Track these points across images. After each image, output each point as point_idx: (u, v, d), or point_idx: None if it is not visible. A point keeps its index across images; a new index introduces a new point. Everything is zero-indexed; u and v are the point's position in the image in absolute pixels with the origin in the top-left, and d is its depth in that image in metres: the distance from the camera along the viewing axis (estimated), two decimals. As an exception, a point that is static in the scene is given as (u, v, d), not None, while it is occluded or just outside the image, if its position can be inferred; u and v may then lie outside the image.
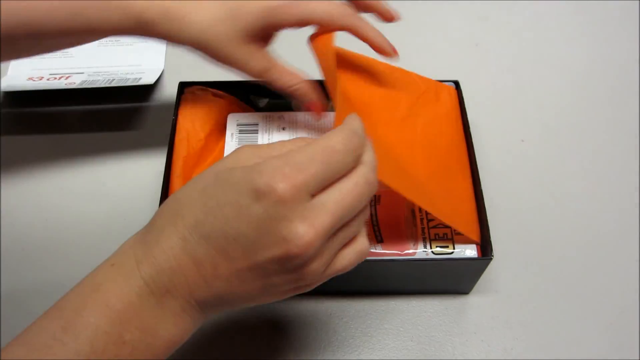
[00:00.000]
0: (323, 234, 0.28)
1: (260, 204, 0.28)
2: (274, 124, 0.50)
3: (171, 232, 0.29)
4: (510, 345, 0.45)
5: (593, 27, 0.68)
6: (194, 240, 0.29)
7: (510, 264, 0.49)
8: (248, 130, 0.49)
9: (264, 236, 0.28)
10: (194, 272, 0.29)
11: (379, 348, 0.45)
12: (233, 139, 0.49)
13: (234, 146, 0.48)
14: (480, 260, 0.43)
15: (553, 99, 0.61)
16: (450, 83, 0.52)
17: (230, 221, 0.28)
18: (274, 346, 0.45)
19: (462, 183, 0.46)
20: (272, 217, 0.27)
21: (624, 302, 0.48)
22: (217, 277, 0.29)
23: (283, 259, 0.28)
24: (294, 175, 0.27)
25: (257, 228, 0.28)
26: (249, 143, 0.48)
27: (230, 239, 0.28)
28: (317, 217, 0.28)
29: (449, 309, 0.47)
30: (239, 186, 0.28)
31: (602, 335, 0.46)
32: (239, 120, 0.50)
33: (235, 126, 0.49)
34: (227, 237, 0.28)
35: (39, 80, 0.60)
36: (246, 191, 0.28)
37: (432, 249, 0.43)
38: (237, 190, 0.28)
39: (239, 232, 0.28)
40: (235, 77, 0.49)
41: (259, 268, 0.29)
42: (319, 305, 0.47)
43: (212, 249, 0.29)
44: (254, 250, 0.28)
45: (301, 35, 0.45)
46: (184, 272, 0.29)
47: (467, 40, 0.67)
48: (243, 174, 0.29)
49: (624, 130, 0.59)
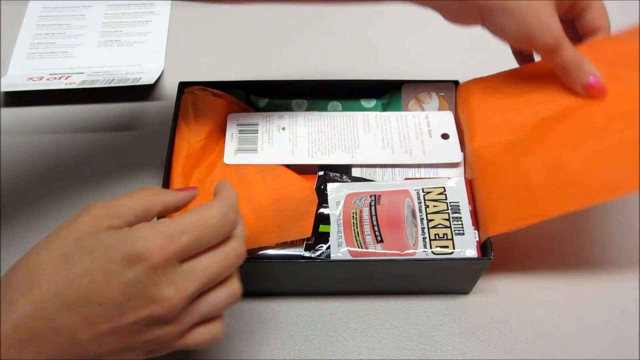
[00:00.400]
0: (187, 298, 0.30)
1: (131, 270, 0.29)
2: (273, 124, 0.50)
3: (24, 303, 0.29)
4: (510, 345, 0.45)
5: (593, 27, 0.68)
6: (53, 308, 0.29)
7: (510, 264, 0.49)
8: (248, 130, 0.49)
9: (131, 300, 0.29)
10: (49, 341, 0.29)
11: (379, 348, 0.45)
12: (233, 139, 0.49)
13: (234, 146, 0.48)
14: (480, 260, 0.43)
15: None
16: (450, 83, 0.52)
17: (98, 287, 0.29)
18: (274, 346, 0.45)
19: None
20: (142, 282, 0.29)
21: (624, 302, 0.48)
22: (74, 344, 0.29)
23: (147, 320, 0.30)
24: (166, 246, 0.29)
25: (126, 292, 0.29)
26: (248, 143, 0.49)
27: (95, 304, 0.29)
28: (184, 283, 0.30)
29: (449, 309, 0.47)
30: (109, 253, 0.29)
31: (602, 335, 0.46)
32: (239, 121, 0.50)
33: (235, 126, 0.49)
34: (91, 303, 0.29)
35: (39, 80, 0.60)
36: (118, 258, 0.29)
37: (432, 249, 0.43)
38: (107, 257, 0.29)
39: (105, 298, 0.29)
40: (235, 77, 0.49)
41: (121, 330, 0.30)
42: (319, 305, 0.47)
43: (74, 315, 0.29)
44: (119, 314, 0.29)
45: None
46: (38, 342, 0.29)
47: (467, 40, 0.67)
48: (113, 242, 0.29)
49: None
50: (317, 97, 0.52)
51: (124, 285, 0.29)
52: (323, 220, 0.45)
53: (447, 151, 0.49)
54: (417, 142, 0.49)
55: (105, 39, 0.66)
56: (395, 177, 0.49)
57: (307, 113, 0.51)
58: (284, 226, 0.44)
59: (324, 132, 0.50)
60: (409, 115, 0.51)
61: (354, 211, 0.45)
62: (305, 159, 0.48)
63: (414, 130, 0.50)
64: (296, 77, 0.53)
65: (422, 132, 0.50)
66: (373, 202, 0.45)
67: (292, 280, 0.46)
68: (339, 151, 0.49)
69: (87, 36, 0.66)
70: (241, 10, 0.69)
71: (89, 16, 0.68)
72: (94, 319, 0.29)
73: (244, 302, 0.47)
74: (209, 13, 0.68)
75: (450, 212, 0.44)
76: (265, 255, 0.44)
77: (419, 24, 0.68)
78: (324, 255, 0.43)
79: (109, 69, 0.62)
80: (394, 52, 0.65)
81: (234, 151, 0.48)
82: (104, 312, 0.29)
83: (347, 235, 0.44)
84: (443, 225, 0.44)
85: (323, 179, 0.47)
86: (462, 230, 0.44)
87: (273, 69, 0.64)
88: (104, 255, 0.29)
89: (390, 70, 0.64)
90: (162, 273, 0.29)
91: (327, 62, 0.65)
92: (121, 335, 0.30)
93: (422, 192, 0.46)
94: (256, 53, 0.65)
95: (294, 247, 0.44)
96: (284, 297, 0.47)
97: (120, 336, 0.30)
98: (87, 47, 0.65)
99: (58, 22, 0.67)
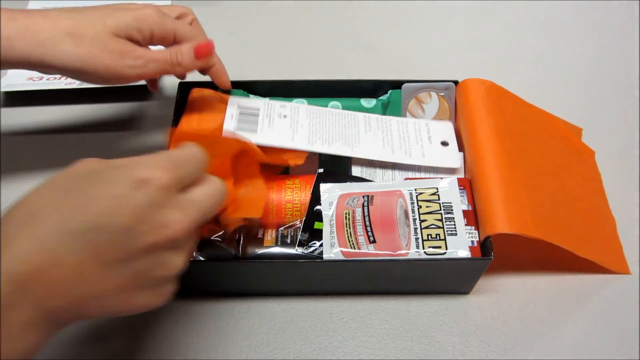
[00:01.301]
0: (193, 223, 0.31)
1: (141, 191, 0.29)
2: (275, 111, 0.49)
3: (25, 236, 0.27)
4: (510, 345, 0.45)
5: (593, 27, 0.68)
6: (57, 239, 0.27)
7: (510, 264, 0.49)
8: (249, 113, 0.48)
9: (142, 224, 0.29)
10: (53, 276, 0.27)
11: (379, 348, 0.45)
12: (233, 119, 0.48)
13: (233, 126, 0.47)
14: (480, 260, 0.43)
15: (552, 99, 0.61)
16: (451, 83, 0.52)
17: (107, 212, 0.28)
18: (274, 346, 0.45)
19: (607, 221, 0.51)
20: (152, 204, 0.29)
21: (624, 302, 0.48)
22: (79, 276, 0.28)
23: (158, 245, 0.29)
24: (172, 170, 0.30)
25: (136, 216, 0.28)
26: (248, 124, 0.48)
27: (102, 231, 0.28)
28: (190, 209, 0.31)
29: (449, 309, 0.47)
30: (116, 179, 0.29)
31: (602, 335, 0.46)
32: (241, 103, 0.49)
33: (236, 107, 0.48)
34: (98, 230, 0.28)
35: (38, 80, 0.60)
36: (126, 182, 0.29)
37: (424, 249, 0.43)
38: (114, 183, 0.29)
39: (114, 223, 0.28)
40: (235, 77, 0.49)
41: (130, 260, 0.29)
42: (319, 305, 0.47)
43: (79, 244, 0.27)
44: (129, 240, 0.28)
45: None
46: (40, 276, 0.27)
47: (467, 40, 0.67)
48: (120, 169, 0.29)
49: (624, 130, 0.59)
50: (317, 97, 0.52)
51: (135, 208, 0.28)
52: (318, 218, 0.45)
53: (447, 157, 0.49)
54: (416, 146, 0.49)
55: None
56: (395, 177, 0.49)
57: (309, 106, 0.50)
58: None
59: (325, 125, 0.49)
60: (409, 121, 0.51)
61: (346, 212, 0.45)
62: (305, 145, 0.48)
63: (414, 135, 0.50)
64: (296, 77, 0.53)
65: (422, 137, 0.50)
66: (366, 202, 0.45)
67: (291, 280, 0.46)
68: (339, 143, 0.48)
69: None
70: (241, 10, 0.69)
71: None
72: (102, 247, 0.28)
73: (244, 302, 0.47)
74: (208, 13, 0.68)
75: (442, 212, 0.44)
76: (265, 255, 0.44)
77: (418, 24, 0.68)
78: (317, 252, 0.43)
79: None
80: (394, 52, 0.65)
81: (232, 131, 0.47)
82: (112, 239, 0.28)
83: (339, 236, 0.44)
84: (436, 225, 0.44)
85: (323, 177, 0.47)
86: (454, 231, 0.44)
87: (273, 69, 0.64)
88: (110, 181, 0.29)
89: (390, 70, 0.64)
90: (170, 198, 0.30)
91: (327, 62, 0.65)
92: (130, 267, 0.29)
93: (415, 193, 0.46)
94: (256, 53, 0.65)
95: (292, 247, 0.44)
96: (284, 297, 0.47)
97: (129, 268, 0.29)
98: None
99: None
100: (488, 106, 0.48)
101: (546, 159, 0.50)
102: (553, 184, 0.48)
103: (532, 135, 0.50)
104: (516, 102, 0.52)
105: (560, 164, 0.51)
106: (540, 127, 0.52)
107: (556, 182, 0.49)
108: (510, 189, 0.44)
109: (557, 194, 0.48)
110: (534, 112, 0.53)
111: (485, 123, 0.47)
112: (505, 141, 0.46)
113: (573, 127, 0.56)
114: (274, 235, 0.45)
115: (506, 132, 0.47)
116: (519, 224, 0.42)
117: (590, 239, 0.48)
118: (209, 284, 0.46)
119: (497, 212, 0.42)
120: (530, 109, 0.53)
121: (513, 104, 0.51)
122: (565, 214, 0.47)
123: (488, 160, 0.45)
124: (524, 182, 0.45)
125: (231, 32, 0.67)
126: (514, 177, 0.45)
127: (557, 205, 0.47)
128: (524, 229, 0.42)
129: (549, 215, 0.45)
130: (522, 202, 0.44)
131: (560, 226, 0.46)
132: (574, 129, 0.56)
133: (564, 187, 0.49)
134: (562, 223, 0.46)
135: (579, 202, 0.50)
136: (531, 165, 0.47)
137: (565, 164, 0.52)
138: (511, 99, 0.51)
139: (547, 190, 0.47)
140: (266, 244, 0.44)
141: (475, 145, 0.46)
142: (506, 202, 0.43)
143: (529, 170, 0.46)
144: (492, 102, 0.49)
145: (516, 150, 0.47)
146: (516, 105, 0.51)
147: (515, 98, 0.52)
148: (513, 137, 0.47)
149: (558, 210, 0.47)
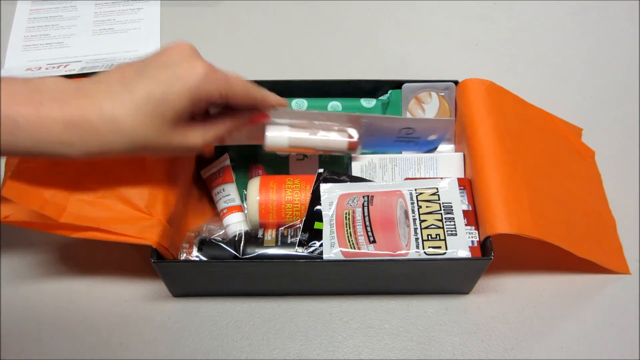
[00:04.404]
0: None
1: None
2: None
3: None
4: (510, 345, 0.45)
5: (593, 27, 0.68)
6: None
7: (510, 264, 0.49)
8: None
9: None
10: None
11: (379, 348, 0.45)
12: None
13: None
14: (480, 260, 0.43)
15: (552, 99, 0.61)
16: (451, 83, 0.52)
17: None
18: (274, 346, 0.45)
19: (607, 221, 0.52)
20: None
21: (624, 302, 0.48)
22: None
23: None
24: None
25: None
26: None
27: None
28: None
29: (449, 309, 0.47)
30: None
31: (602, 335, 0.46)
32: None
33: None
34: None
35: (37, 70, 0.60)
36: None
37: (424, 249, 0.43)
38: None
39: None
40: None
41: None
42: (319, 305, 0.47)
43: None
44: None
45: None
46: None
47: (467, 40, 0.67)
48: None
49: (624, 130, 0.59)
50: (317, 97, 0.52)
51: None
52: (318, 218, 0.45)
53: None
54: None
55: (98, 28, 0.66)
56: (395, 177, 0.49)
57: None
58: None
59: None
60: None
61: (346, 212, 0.45)
62: None
63: None
64: (296, 77, 0.52)
65: None
66: (366, 202, 0.45)
67: (291, 280, 0.46)
68: None
69: (80, 26, 0.66)
70: (241, 10, 0.69)
71: (80, 8, 0.68)
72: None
73: (244, 302, 0.47)
74: (208, 13, 0.68)
75: (442, 212, 0.44)
76: (265, 255, 0.44)
77: (418, 24, 0.68)
78: (317, 252, 0.43)
79: (106, 56, 0.62)
80: (394, 52, 0.65)
81: None
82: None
83: (339, 236, 0.44)
84: (436, 225, 0.44)
85: (323, 177, 0.47)
86: (454, 231, 0.44)
87: (273, 69, 0.64)
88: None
89: (390, 70, 0.64)
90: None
91: (327, 62, 0.65)
92: None
93: (415, 193, 0.45)
94: (256, 53, 0.65)
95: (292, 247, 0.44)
96: (284, 297, 0.47)
97: None
98: (82, 36, 0.65)
99: (49, 15, 0.67)
100: (488, 106, 0.48)
101: (546, 159, 0.50)
102: (553, 184, 0.48)
103: (532, 135, 0.50)
104: (516, 102, 0.52)
105: (560, 164, 0.51)
106: (540, 127, 0.52)
107: (556, 182, 0.49)
108: (510, 189, 0.44)
109: (557, 194, 0.48)
110: (534, 112, 0.53)
111: (485, 123, 0.47)
112: (505, 141, 0.46)
113: (573, 127, 0.56)
114: (274, 235, 0.45)
115: (506, 132, 0.47)
116: (519, 224, 0.42)
117: (590, 239, 0.48)
118: (209, 284, 0.46)
119: (497, 212, 0.42)
120: (530, 109, 0.53)
121: (513, 104, 0.51)
122: (565, 214, 0.47)
123: (488, 160, 0.45)
124: (524, 182, 0.45)
125: (231, 32, 0.67)
126: (514, 177, 0.45)
127: (557, 206, 0.47)
128: (524, 229, 0.42)
129: (548, 216, 0.45)
130: (522, 202, 0.44)
131: (560, 226, 0.46)
132: (574, 129, 0.56)
133: (563, 187, 0.49)
134: (562, 223, 0.46)
135: (579, 202, 0.50)
136: (531, 165, 0.47)
137: (565, 164, 0.52)
138: (511, 99, 0.51)
139: (547, 191, 0.47)
140: (266, 244, 0.44)
141: (475, 145, 0.46)
142: (506, 202, 0.43)
143: (528, 171, 0.46)
144: (492, 102, 0.48)
145: (516, 150, 0.47)
146: (516, 105, 0.51)
147: (515, 98, 0.52)
148: (513, 137, 0.47)
149: (558, 211, 0.47)
